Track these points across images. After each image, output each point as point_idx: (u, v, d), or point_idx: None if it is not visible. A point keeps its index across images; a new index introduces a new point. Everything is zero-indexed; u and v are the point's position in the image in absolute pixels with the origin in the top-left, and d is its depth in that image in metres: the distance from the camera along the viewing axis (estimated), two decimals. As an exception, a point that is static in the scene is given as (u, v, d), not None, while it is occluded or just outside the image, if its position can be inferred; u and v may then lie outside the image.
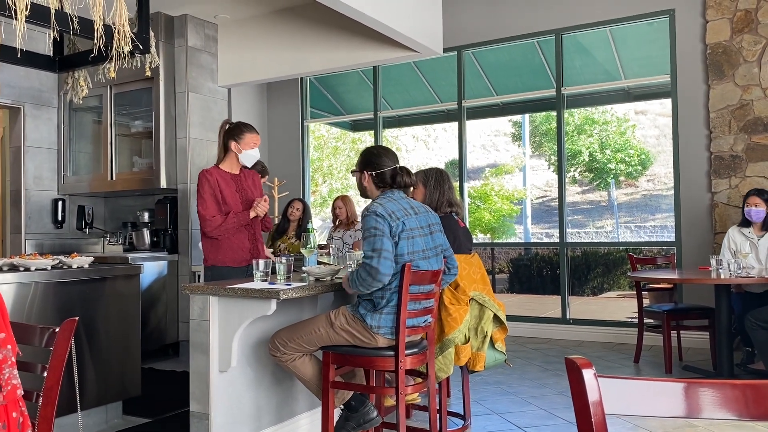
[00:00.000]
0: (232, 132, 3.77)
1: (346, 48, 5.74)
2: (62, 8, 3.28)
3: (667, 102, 5.95)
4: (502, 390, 4.37)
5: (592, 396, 1.08)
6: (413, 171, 3.79)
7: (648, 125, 11.72)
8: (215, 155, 6.13)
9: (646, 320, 5.13)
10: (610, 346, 5.79)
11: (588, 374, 1.09)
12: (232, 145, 3.74)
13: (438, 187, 3.61)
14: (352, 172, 3.08)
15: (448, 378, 3.33)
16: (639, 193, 12.30)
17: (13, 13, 3.03)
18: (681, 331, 5.21)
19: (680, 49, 5.76)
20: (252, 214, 3.68)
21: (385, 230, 2.72)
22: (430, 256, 2.88)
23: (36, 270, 3.38)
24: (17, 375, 1.64)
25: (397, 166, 2.97)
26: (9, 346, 1.62)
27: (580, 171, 12.10)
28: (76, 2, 3.34)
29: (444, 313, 3.19)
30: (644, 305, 5.15)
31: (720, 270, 4.24)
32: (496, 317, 3.37)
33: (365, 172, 2.96)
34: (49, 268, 3.45)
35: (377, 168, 2.93)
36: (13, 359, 1.63)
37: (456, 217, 3.67)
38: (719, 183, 5.56)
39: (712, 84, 5.59)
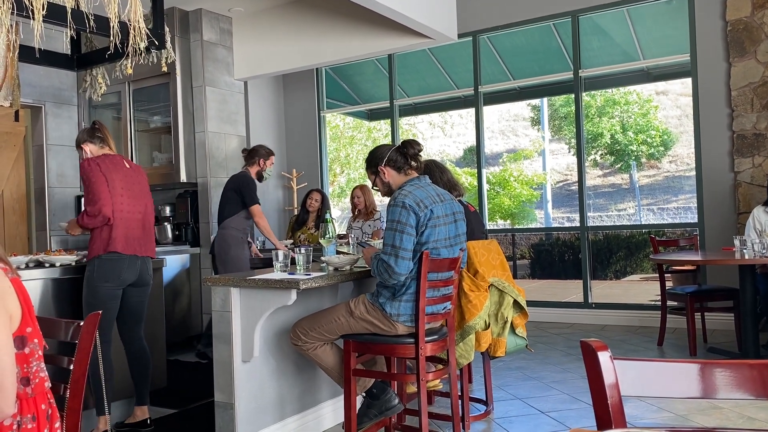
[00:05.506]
0: None
1: (360, 37, 5.73)
2: (78, 7, 3.32)
3: (688, 81, 5.84)
4: (524, 375, 4.37)
5: (608, 378, 1.08)
6: (432, 159, 3.81)
7: (670, 105, 11.55)
8: (234, 149, 6.20)
9: (670, 303, 5.07)
10: (634, 329, 5.75)
11: (603, 357, 1.10)
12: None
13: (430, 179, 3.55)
14: (373, 186, 3.06)
15: (469, 364, 3.34)
16: (661, 175, 12.14)
17: (30, 13, 3.08)
18: (705, 313, 5.15)
19: (700, 26, 5.65)
20: None
21: (410, 223, 2.70)
22: (453, 245, 2.88)
23: (61, 266, 3.45)
24: (44, 368, 1.68)
25: (397, 143, 2.98)
26: (36, 340, 1.66)
27: (602, 154, 11.96)
28: (92, 0, 3.38)
29: (464, 299, 3.19)
30: (667, 288, 5.10)
31: (744, 250, 4.18)
32: (516, 303, 3.36)
33: (380, 167, 2.95)
34: (74, 263, 3.51)
35: (384, 156, 2.94)
36: (40, 353, 1.67)
37: (465, 202, 3.66)
38: (742, 162, 5.47)
39: (734, 61, 5.48)
